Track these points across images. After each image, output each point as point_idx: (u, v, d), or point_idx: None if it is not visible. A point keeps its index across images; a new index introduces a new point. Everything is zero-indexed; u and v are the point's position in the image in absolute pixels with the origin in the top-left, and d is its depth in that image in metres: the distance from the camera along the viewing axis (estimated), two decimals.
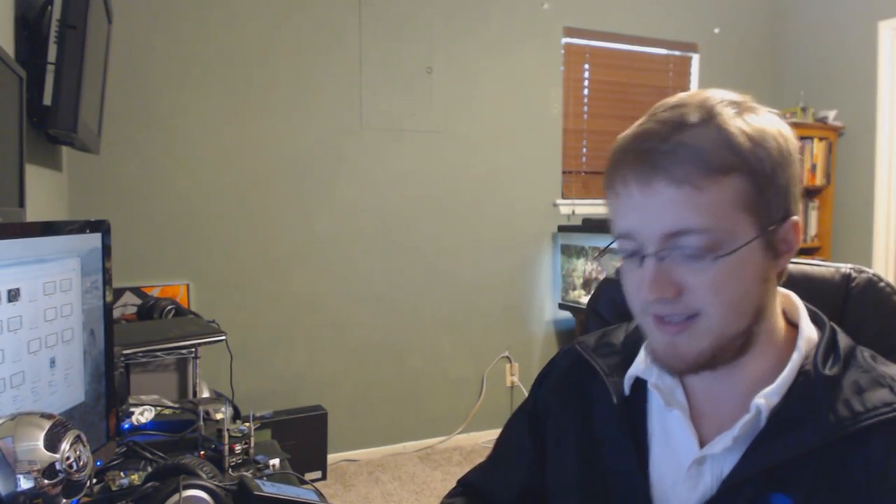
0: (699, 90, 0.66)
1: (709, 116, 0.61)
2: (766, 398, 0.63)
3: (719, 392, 0.68)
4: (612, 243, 0.68)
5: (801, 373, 0.64)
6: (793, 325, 0.69)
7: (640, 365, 0.72)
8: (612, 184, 0.65)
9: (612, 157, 0.65)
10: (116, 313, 2.55)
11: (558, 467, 0.79)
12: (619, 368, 0.76)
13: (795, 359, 0.65)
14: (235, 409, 1.56)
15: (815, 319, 0.70)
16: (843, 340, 0.67)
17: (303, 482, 1.20)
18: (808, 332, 0.67)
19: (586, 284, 3.39)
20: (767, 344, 0.66)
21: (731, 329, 0.63)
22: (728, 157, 0.60)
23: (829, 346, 0.66)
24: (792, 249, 0.65)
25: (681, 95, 0.66)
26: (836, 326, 0.69)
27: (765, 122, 0.63)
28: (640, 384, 0.74)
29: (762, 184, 0.61)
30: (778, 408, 0.63)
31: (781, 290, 0.70)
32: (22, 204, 1.33)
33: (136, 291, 2.71)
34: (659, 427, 0.72)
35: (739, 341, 0.64)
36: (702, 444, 0.67)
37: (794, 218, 0.64)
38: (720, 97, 0.63)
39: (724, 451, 0.65)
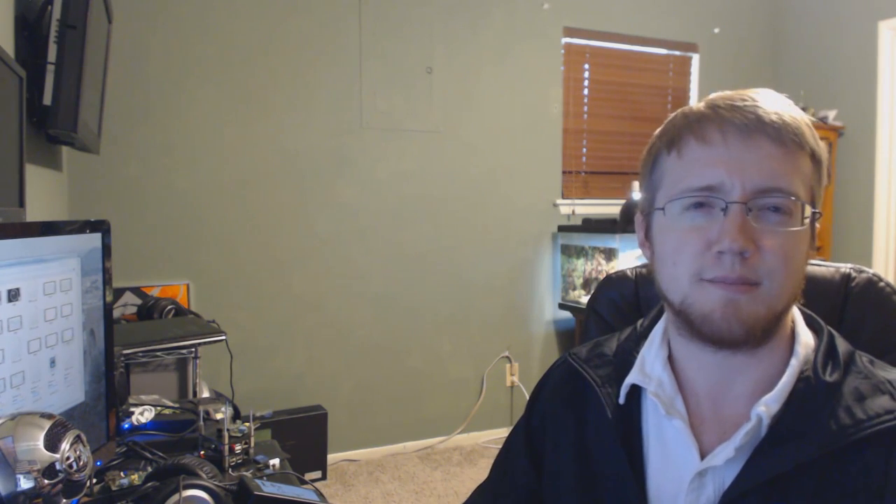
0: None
1: (790, 105, 0.66)
2: (766, 406, 0.62)
3: (722, 394, 0.67)
4: (678, 198, 0.65)
5: (801, 379, 0.63)
6: (790, 329, 0.69)
7: (637, 373, 0.71)
8: (702, 132, 0.64)
9: (694, 113, 0.66)
10: (116, 313, 2.55)
11: (555, 482, 0.78)
12: (611, 379, 0.74)
13: (794, 365, 0.64)
14: (235, 409, 1.56)
15: (811, 324, 0.69)
16: (842, 345, 0.66)
17: (303, 482, 1.20)
18: (805, 338, 0.67)
19: (586, 284, 3.39)
20: (776, 341, 0.66)
21: (783, 303, 0.63)
22: (809, 138, 0.64)
23: (828, 352, 0.65)
24: (814, 246, 0.67)
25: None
26: (833, 331, 0.68)
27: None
28: (634, 394, 0.72)
29: (821, 175, 0.65)
30: (778, 416, 0.62)
31: None
32: (22, 204, 1.33)
33: (136, 291, 2.71)
34: (656, 437, 0.71)
35: (777, 322, 0.64)
36: (702, 453, 0.66)
37: (821, 213, 0.67)
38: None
39: (727, 462, 0.63)
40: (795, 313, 0.69)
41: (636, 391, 0.72)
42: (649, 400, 0.71)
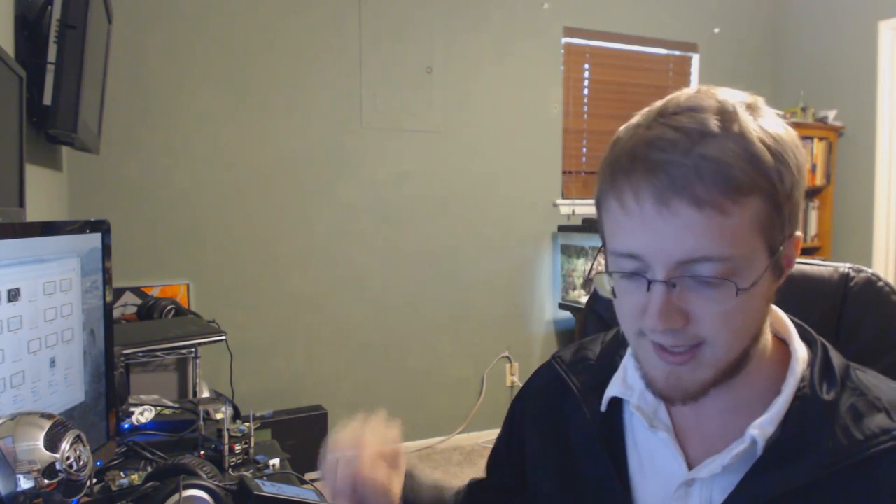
0: (707, 88, 0.60)
1: (731, 124, 0.55)
2: (760, 428, 0.60)
3: (705, 411, 0.65)
4: (602, 248, 0.63)
5: (798, 397, 0.61)
6: (781, 341, 0.67)
7: (619, 384, 0.70)
8: (619, 195, 0.57)
9: (619, 162, 0.58)
10: (116, 313, 2.55)
11: (537, 486, 0.78)
12: (594, 386, 0.73)
13: (791, 383, 0.62)
14: (235, 409, 1.56)
15: (804, 336, 0.67)
16: (837, 359, 0.64)
17: (303, 482, 1.21)
18: (801, 354, 0.64)
19: (586, 284, 3.39)
20: (758, 363, 0.64)
21: (734, 355, 0.60)
22: (753, 175, 0.54)
23: (823, 368, 0.63)
24: (791, 264, 0.62)
25: (691, 94, 0.59)
26: (826, 343, 0.66)
27: (781, 132, 0.57)
28: (618, 400, 0.71)
29: (780, 203, 0.56)
30: (775, 437, 0.60)
31: None
32: (22, 204, 1.34)
33: (136, 291, 2.71)
34: (643, 446, 0.70)
35: (737, 365, 0.61)
36: (689, 464, 0.65)
37: (798, 234, 0.61)
38: (735, 98, 0.58)
39: (713, 476, 0.62)
40: (790, 329, 0.67)
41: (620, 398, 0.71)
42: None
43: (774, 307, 0.68)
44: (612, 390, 0.70)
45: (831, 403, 0.60)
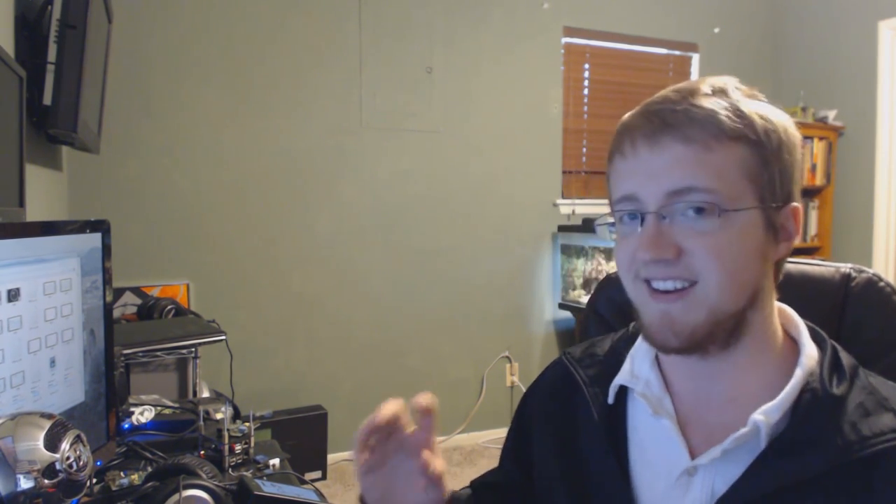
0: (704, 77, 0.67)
1: (721, 90, 0.63)
2: (766, 415, 0.60)
3: (709, 401, 0.66)
4: (608, 214, 0.68)
5: (807, 390, 0.62)
6: (791, 339, 0.68)
7: (625, 374, 0.71)
8: (619, 147, 0.65)
9: (620, 127, 0.66)
10: (116, 313, 2.55)
11: (544, 478, 0.79)
12: (601, 379, 0.74)
13: (799, 374, 0.63)
14: (235, 409, 1.56)
15: (815, 337, 0.68)
16: (846, 358, 0.65)
17: (303, 482, 1.21)
18: (810, 349, 0.65)
19: (586, 284, 3.39)
20: (761, 344, 0.65)
21: (728, 303, 0.61)
22: (738, 124, 0.61)
23: (833, 364, 0.64)
24: (791, 238, 0.64)
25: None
26: (836, 344, 0.67)
27: (771, 112, 0.64)
28: (624, 393, 0.72)
29: (767, 157, 0.62)
30: (781, 427, 0.61)
31: (777, 304, 0.69)
32: (22, 204, 1.34)
33: (136, 291, 2.71)
34: (646, 435, 0.70)
35: (733, 322, 0.62)
36: (691, 453, 0.66)
37: (795, 204, 0.64)
38: (730, 81, 0.65)
39: (714, 463, 0.63)
40: (801, 327, 0.68)
41: (626, 391, 0.72)
42: (637, 399, 0.71)
43: (785, 307, 0.70)
44: (619, 379, 0.71)
45: (840, 398, 0.61)
